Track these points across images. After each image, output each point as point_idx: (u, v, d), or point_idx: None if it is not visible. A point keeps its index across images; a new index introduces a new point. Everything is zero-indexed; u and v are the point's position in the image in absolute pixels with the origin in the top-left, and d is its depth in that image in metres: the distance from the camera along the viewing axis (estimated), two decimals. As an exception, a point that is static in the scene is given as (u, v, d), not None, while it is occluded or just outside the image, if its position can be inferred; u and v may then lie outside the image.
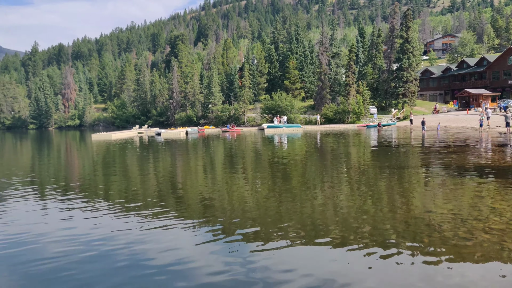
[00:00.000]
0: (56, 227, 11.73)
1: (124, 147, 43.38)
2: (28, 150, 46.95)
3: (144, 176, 21.58)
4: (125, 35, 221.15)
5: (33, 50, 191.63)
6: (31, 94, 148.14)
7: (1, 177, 22.47)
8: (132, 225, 11.56)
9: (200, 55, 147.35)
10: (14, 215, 13.30)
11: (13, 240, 10.59)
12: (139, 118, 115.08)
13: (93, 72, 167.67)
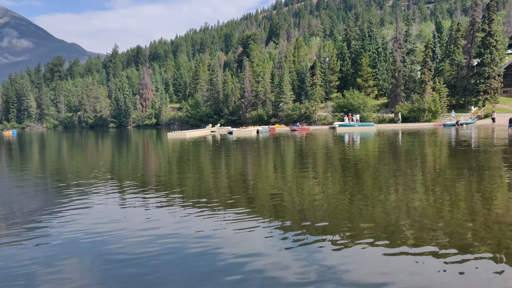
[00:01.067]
0: (132, 222, 12.28)
1: (198, 145, 44.56)
2: (109, 147, 49.52)
3: (216, 174, 22.04)
4: (199, 36, 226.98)
5: (114, 53, 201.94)
6: (112, 94, 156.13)
7: (85, 173, 23.91)
8: (204, 222, 11.86)
9: (271, 54, 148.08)
10: (95, 210, 14.08)
11: (92, 234, 11.21)
12: (212, 117, 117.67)
13: (168, 72, 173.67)
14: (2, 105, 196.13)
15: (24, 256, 9.45)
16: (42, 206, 15.04)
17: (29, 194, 17.65)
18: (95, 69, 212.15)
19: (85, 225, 12.00)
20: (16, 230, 11.83)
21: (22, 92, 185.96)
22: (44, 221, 12.71)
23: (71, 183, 19.89)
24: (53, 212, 13.85)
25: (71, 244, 10.20)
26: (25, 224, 12.42)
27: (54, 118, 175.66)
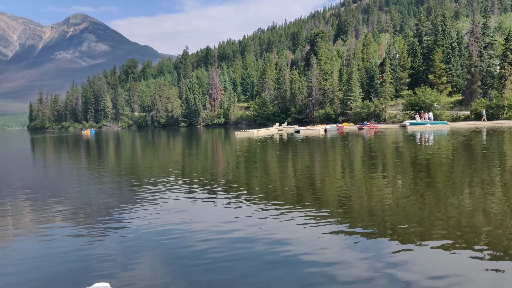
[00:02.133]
0: (202, 220, 12.59)
1: (265, 144, 44.86)
2: (180, 146, 51.04)
3: (283, 173, 22.08)
4: (266, 36, 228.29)
5: (184, 54, 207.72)
6: (182, 94, 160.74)
7: (157, 172, 24.81)
8: (271, 222, 11.92)
9: (339, 52, 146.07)
10: (166, 208, 14.55)
11: (162, 232, 11.61)
12: (279, 116, 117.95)
13: (236, 72, 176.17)
14: (82, 106, 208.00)
15: (99, 251, 9.97)
16: (117, 203, 15.79)
17: (106, 191, 18.59)
18: (167, 70, 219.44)
19: (156, 222, 12.44)
20: (92, 225, 12.51)
21: (99, 93, 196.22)
22: (118, 217, 13.35)
23: (144, 181, 20.71)
24: (126, 209, 14.51)
25: (143, 241, 10.62)
26: (100, 220, 13.10)
27: (129, 118, 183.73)
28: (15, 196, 17.82)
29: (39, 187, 20.55)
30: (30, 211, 14.76)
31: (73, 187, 20.18)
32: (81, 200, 16.49)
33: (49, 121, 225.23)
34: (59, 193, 18.24)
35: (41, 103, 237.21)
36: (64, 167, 31.10)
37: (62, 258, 9.45)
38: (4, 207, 15.63)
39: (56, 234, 11.55)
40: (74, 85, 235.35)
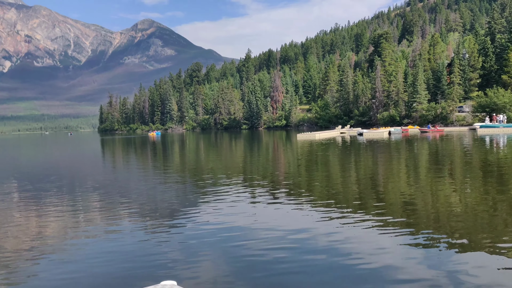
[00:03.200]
0: (263, 221, 12.71)
1: (327, 146, 44.47)
2: (241, 148, 51.68)
3: (345, 176, 21.81)
4: (329, 37, 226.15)
5: (247, 57, 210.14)
6: (244, 97, 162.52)
7: (220, 172, 25.29)
8: (331, 223, 11.84)
9: (404, 53, 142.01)
10: (228, 208, 14.84)
11: (224, 231, 11.84)
12: (342, 118, 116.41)
13: (298, 74, 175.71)
14: (149, 109, 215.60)
15: (165, 249, 10.34)
16: (181, 203, 16.30)
17: (171, 192, 19.19)
18: (230, 73, 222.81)
19: (219, 223, 12.72)
20: (158, 224, 12.99)
21: (165, 96, 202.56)
22: (182, 218, 13.77)
23: (207, 182, 21.21)
24: (190, 209, 14.94)
25: (207, 241, 10.90)
26: (166, 220, 13.57)
27: (193, 120, 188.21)
28: (87, 195, 18.84)
29: (109, 187, 21.59)
30: (100, 209, 15.56)
31: (140, 187, 21.02)
32: (148, 200, 17.17)
33: (118, 123, 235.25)
34: (127, 193, 19.08)
35: (111, 106, 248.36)
36: (132, 167, 32.43)
37: (130, 255, 9.90)
38: (76, 205, 16.61)
39: (124, 232, 12.11)
40: (141, 88, 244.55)
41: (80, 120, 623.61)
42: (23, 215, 14.99)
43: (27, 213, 15.39)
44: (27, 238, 11.83)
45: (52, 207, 16.11)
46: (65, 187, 21.61)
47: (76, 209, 15.67)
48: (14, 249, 10.86)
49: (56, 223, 13.54)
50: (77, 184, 22.91)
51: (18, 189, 21.97)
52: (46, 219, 14.07)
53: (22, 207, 16.65)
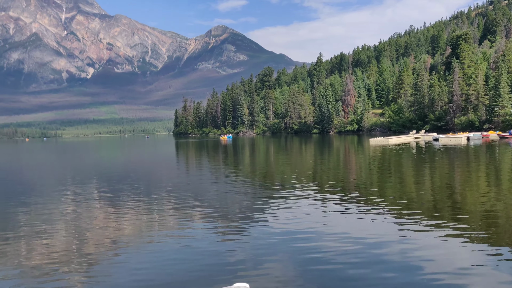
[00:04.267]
0: (332, 227, 12.56)
1: (401, 152, 43.17)
2: (311, 152, 51.40)
3: (420, 183, 21.04)
4: (403, 40, 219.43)
5: (318, 61, 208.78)
6: (315, 101, 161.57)
7: (289, 176, 25.30)
8: (404, 231, 11.47)
9: (485, 54, 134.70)
10: (298, 212, 14.79)
11: (295, 235, 11.82)
12: (416, 123, 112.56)
13: (371, 78, 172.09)
14: (221, 113, 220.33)
15: (236, 252, 10.52)
16: (252, 206, 16.46)
17: (241, 195, 19.46)
18: (301, 77, 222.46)
19: (290, 227, 12.74)
20: (229, 227, 13.22)
21: (237, 101, 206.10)
22: (253, 220, 13.92)
23: (278, 186, 21.32)
24: (261, 212, 15.06)
25: (278, 244, 10.94)
26: (237, 223, 13.77)
27: (263, 124, 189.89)
28: (161, 197, 19.58)
29: (182, 189, 22.21)
30: (174, 212, 16.07)
31: (212, 190, 21.47)
32: (219, 203, 17.50)
33: (191, 127, 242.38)
34: (199, 196, 19.54)
35: (185, 110, 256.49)
36: (204, 171, 33.25)
37: (203, 258, 10.15)
38: (151, 207, 17.32)
39: (196, 234, 12.42)
40: (214, 93, 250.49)
41: (156, 124, 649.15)
42: (102, 216, 15.85)
43: (106, 213, 16.26)
44: (104, 239, 12.48)
45: (129, 208, 16.90)
46: (141, 189, 22.60)
47: (151, 210, 16.32)
48: (92, 250, 11.51)
49: (132, 224, 14.18)
50: (153, 186, 23.89)
51: (98, 190, 23.29)
52: (123, 220, 14.78)
53: (102, 207, 17.62)
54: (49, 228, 13.58)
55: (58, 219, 15.04)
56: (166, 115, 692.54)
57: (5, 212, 16.77)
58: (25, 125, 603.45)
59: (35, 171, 38.97)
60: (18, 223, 14.51)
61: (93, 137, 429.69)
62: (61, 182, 27.35)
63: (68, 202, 18.86)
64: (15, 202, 19.00)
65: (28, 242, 12.06)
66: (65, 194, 21.44)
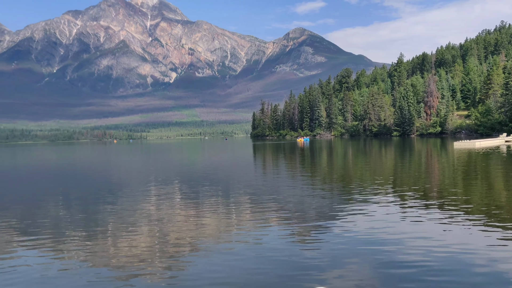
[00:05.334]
0: (412, 234, 12.09)
1: (489, 156, 40.59)
2: (391, 156, 49.78)
3: (510, 189, 19.61)
4: (493, 37, 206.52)
5: (399, 61, 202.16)
6: (396, 103, 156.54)
7: (367, 180, 24.67)
8: (492, 239, 10.80)
9: None
10: (376, 217, 14.43)
11: (373, 241, 11.53)
12: (507, 125, 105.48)
13: (456, 78, 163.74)
14: (298, 115, 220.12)
15: (313, 256, 10.44)
16: (328, 210, 16.26)
17: (318, 198, 19.26)
18: (380, 78, 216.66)
19: (367, 232, 12.47)
20: (305, 231, 13.17)
21: (314, 103, 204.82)
22: (329, 225, 13.77)
23: (355, 190, 20.87)
24: (338, 216, 14.86)
25: (355, 250, 10.74)
26: (313, 227, 13.68)
27: (341, 127, 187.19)
28: (239, 199, 19.90)
29: (259, 191, 22.45)
30: (251, 214, 16.26)
31: (289, 193, 21.42)
32: (296, 206, 17.46)
33: (268, 129, 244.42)
34: (276, 198, 19.62)
35: (263, 113, 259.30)
36: (281, 173, 33.31)
37: (280, 261, 10.18)
38: (229, 208, 17.66)
39: (273, 237, 12.48)
40: (291, 95, 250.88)
41: (234, 126, 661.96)
42: (182, 216, 16.36)
43: (186, 214, 16.78)
44: (184, 239, 12.89)
45: (208, 209, 17.36)
46: (220, 190, 23.11)
47: (229, 212, 16.62)
48: (172, 251, 11.92)
49: (211, 224, 14.53)
50: (231, 188, 24.29)
51: (180, 190, 24.13)
52: (202, 221, 15.19)
53: (182, 208, 18.21)
54: (133, 228, 14.26)
55: (141, 219, 15.76)
56: (244, 117, 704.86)
57: (94, 211, 17.89)
58: (113, 127, 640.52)
59: (122, 171, 41.26)
60: (105, 222, 15.43)
61: (175, 139, 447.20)
62: (145, 182, 28.75)
63: (150, 202, 19.70)
64: (103, 201, 20.27)
65: (114, 241, 12.77)
66: (148, 194, 22.45)
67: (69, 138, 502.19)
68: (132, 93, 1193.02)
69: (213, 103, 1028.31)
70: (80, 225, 14.90)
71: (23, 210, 18.58)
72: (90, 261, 10.66)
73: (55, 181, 31.74)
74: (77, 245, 12.32)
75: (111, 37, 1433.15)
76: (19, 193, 24.93)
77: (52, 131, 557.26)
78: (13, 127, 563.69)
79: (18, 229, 14.64)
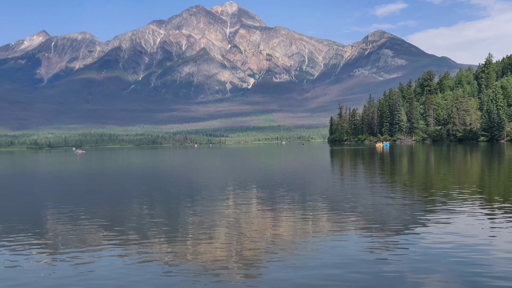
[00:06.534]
0: (498, 239, 11.46)
1: None
2: (478, 162, 47.05)
3: None
4: None
5: (487, 62, 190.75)
6: (483, 106, 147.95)
7: (451, 188, 23.48)
8: None
9: None
10: (459, 227, 13.73)
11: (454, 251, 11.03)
12: None
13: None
14: (377, 119, 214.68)
15: (391, 265, 10.22)
16: (408, 218, 15.74)
17: (397, 205, 18.67)
18: (466, 81, 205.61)
19: (449, 239, 11.99)
20: (383, 238, 12.85)
21: (394, 107, 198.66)
22: (409, 233, 13.34)
23: (437, 199, 20.00)
24: (418, 225, 14.37)
25: (435, 261, 10.37)
26: (392, 234, 13.31)
27: (423, 131, 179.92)
28: (316, 204, 19.77)
29: (336, 197, 22.17)
30: (328, 219, 16.16)
31: (367, 199, 20.99)
32: (374, 214, 17.05)
33: (346, 134, 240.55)
34: (354, 205, 19.27)
35: (340, 117, 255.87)
36: (359, 179, 32.68)
37: (359, 268, 10.07)
38: (306, 213, 17.62)
39: (351, 244, 12.34)
40: (370, 99, 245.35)
41: (311, 131, 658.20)
42: (259, 220, 16.61)
43: (262, 219, 16.98)
44: (260, 244, 13.02)
45: (284, 213, 17.47)
46: (297, 196, 23.05)
47: (306, 218, 16.52)
48: (248, 255, 12.11)
49: (287, 231, 14.57)
50: (307, 193, 24.16)
51: (257, 194, 24.40)
52: (278, 226, 15.30)
53: (259, 211, 18.48)
54: (211, 230, 14.66)
55: (219, 222, 16.16)
56: (321, 122, 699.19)
57: (174, 213, 18.66)
58: (194, 132, 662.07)
59: (202, 175, 42.51)
60: (184, 223, 16.04)
61: (253, 143, 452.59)
62: (224, 186, 29.38)
63: (228, 206, 20.14)
64: (183, 203, 21.03)
65: (193, 242, 13.23)
66: (226, 198, 22.97)
67: (152, 143, 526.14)
68: (212, 99, 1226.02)
69: (290, 107, 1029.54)
70: (161, 225, 15.61)
71: (111, 208, 19.80)
72: (169, 260, 11.16)
73: (140, 183, 33.31)
74: (158, 243, 12.96)
75: (193, 45, 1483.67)
76: (108, 193, 26.57)
77: (137, 135, 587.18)
78: (102, 132, 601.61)
79: (105, 226, 15.68)
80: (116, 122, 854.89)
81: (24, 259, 11.76)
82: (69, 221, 16.88)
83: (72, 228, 15.65)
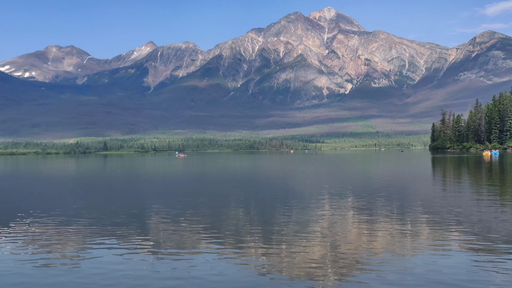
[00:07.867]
0: None
1: None
2: None
3: None
4: None
5: None
6: None
7: None
8: None
9: None
10: None
11: None
12: None
13: None
14: (485, 126, 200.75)
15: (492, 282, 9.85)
16: None
17: (509, 221, 17.45)
18: None
19: None
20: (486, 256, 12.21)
21: (505, 112, 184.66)
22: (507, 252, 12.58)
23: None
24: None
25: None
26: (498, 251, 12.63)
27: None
28: (414, 215, 19.11)
29: (438, 210, 21.02)
30: (427, 234, 15.60)
31: (472, 213, 19.74)
32: (480, 229, 16.11)
33: (449, 141, 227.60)
34: (457, 219, 18.22)
35: (443, 124, 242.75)
36: (464, 190, 30.76)
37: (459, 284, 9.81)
38: (404, 223, 17.01)
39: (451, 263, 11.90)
40: (477, 104, 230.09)
41: (411, 138, 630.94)
42: (355, 230, 16.41)
43: (358, 229, 16.73)
44: (355, 254, 12.98)
45: (381, 225, 17.08)
46: (394, 206, 22.38)
47: (404, 231, 16.04)
48: (343, 265, 12.10)
49: (383, 243, 14.29)
50: (406, 204, 23.27)
51: (353, 203, 23.88)
52: (375, 238, 15.05)
53: (354, 222, 18.17)
54: (305, 237, 14.85)
55: (314, 228, 16.29)
56: (422, 128, 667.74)
57: (270, 217, 19.01)
58: (290, 138, 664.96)
59: (298, 181, 42.62)
60: (280, 232, 16.12)
61: (349, 150, 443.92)
62: (320, 192, 29.11)
63: (324, 213, 20.07)
64: (279, 211, 21.22)
65: (287, 247, 13.51)
66: (322, 204, 22.91)
67: (250, 148, 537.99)
68: (309, 104, 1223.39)
69: (389, 113, 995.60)
70: (256, 230, 16.03)
71: (210, 211, 20.64)
72: (264, 263, 11.55)
73: (238, 187, 33.89)
74: (253, 246, 13.45)
75: (290, 51, 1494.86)
76: (209, 196, 27.41)
77: (235, 141, 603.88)
78: (202, 137, 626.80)
79: (203, 228, 16.43)
80: (216, 127, 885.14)
81: (129, 253, 12.81)
82: (172, 223, 17.92)
83: (174, 229, 16.60)
